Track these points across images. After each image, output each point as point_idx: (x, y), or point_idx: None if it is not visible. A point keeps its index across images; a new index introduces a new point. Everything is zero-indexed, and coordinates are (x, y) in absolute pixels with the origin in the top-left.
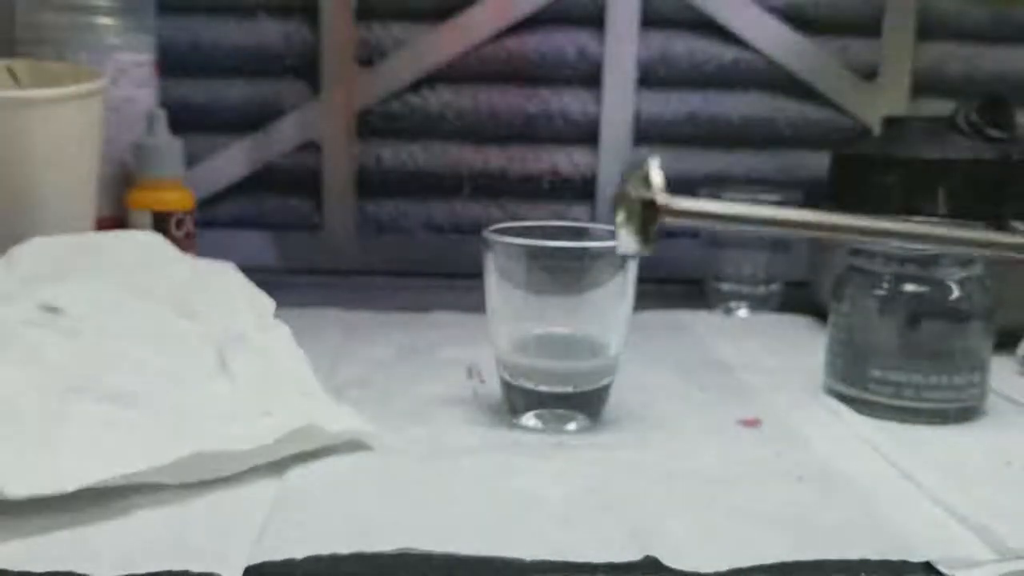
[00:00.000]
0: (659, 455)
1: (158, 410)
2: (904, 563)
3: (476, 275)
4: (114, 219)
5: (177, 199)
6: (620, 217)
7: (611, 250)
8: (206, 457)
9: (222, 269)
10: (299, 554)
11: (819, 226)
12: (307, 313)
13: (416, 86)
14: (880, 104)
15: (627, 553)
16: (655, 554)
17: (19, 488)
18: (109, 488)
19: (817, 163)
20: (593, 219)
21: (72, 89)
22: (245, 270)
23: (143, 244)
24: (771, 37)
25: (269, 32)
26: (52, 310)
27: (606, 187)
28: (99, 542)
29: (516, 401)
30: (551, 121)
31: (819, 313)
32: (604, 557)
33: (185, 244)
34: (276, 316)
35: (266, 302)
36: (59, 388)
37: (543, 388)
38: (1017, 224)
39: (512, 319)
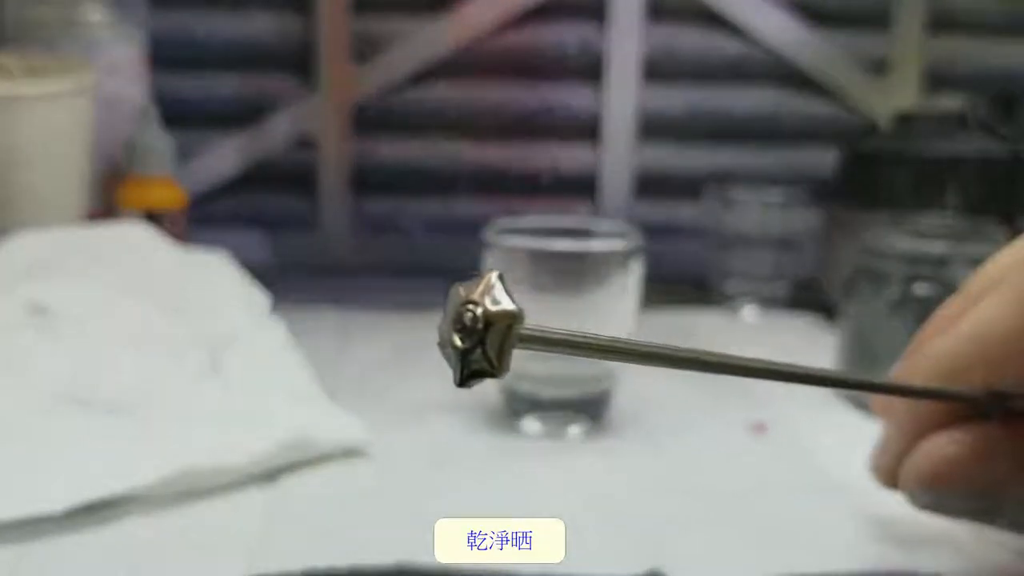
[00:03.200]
0: (664, 461)
1: (149, 419)
2: (914, 575)
3: (475, 274)
4: (104, 217)
5: (169, 197)
6: (460, 342)
7: (614, 249)
8: (198, 471)
9: (215, 261)
10: (295, 567)
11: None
12: (302, 312)
13: (414, 80)
14: (889, 99)
15: (631, 566)
16: (660, 567)
17: (5, 510)
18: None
19: (824, 159)
20: (595, 216)
21: (62, 84)
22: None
23: (133, 237)
24: (778, 30)
25: (262, 25)
26: (40, 310)
27: (608, 183)
28: (89, 552)
29: (517, 405)
30: (552, 116)
31: (828, 311)
32: (608, 569)
33: (177, 243)
34: (270, 315)
35: (260, 298)
36: (47, 397)
37: (544, 392)
38: None
39: None
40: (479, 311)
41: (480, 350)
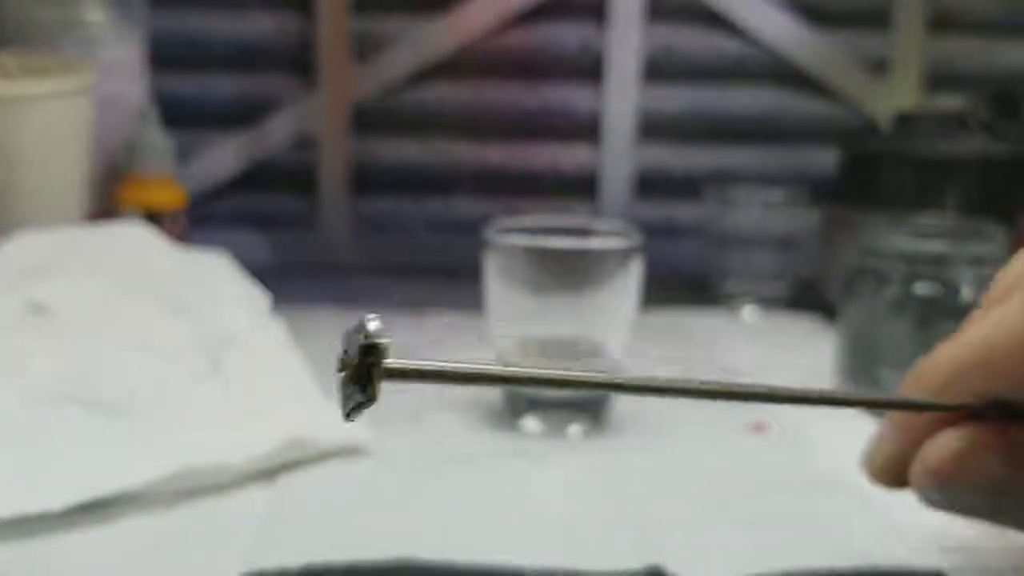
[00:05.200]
0: (663, 460)
1: (148, 418)
2: (914, 572)
3: (475, 274)
4: (104, 217)
5: (169, 197)
6: (342, 379)
7: (614, 248)
8: (197, 471)
9: (215, 262)
10: (293, 563)
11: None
12: (302, 312)
13: (414, 80)
14: (889, 99)
15: (630, 562)
16: (659, 563)
17: (5, 509)
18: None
19: (824, 159)
20: (595, 216)
21: (61, 84)
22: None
23: (133, 237)
24: (778, 30)
25: (262, 25)
26: (40, 310)
27: (608, 183)
28: (89, 552)
29: (516, 404)
30: (552, 116)
31: (828, 311)
32: (607, 566)
33: (177, 243)
34: (270, 315)
35: (260, 297)
36: (47, 397)
37: (544, 391)
38: None
39: (512, 320)
40: (348, 352)
41: (356, 385)
